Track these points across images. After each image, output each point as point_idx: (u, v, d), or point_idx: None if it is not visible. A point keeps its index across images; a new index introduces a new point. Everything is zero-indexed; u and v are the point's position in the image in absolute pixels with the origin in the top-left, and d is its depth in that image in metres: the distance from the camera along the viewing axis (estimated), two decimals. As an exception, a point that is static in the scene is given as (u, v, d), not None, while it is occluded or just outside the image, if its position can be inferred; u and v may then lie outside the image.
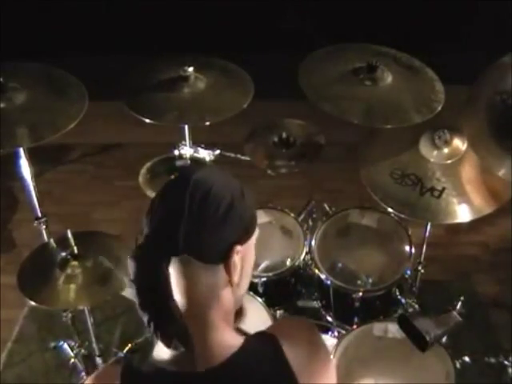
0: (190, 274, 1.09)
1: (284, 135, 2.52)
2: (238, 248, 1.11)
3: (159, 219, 1.10)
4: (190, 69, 2.34)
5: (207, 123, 2.27)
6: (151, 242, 1.09)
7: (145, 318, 1.07)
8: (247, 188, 1.17)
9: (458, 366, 1.97)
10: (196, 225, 1.08)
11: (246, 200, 1.14)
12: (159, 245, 1.08)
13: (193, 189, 1.09)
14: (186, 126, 2.54)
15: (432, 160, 2.19)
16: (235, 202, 1.11)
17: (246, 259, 1.15)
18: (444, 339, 2.00)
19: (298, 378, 1.09)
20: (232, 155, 2.60)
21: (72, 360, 2.62)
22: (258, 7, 3.84)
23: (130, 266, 1.10)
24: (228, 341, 1.12)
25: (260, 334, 1.16)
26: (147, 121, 2.24)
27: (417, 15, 3.87)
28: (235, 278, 1.12)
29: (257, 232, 1.17)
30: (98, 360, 2.56)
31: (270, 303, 2.27)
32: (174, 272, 1.09)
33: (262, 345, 1.13)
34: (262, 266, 2.43)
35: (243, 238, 1.13)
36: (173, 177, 1.19)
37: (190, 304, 1.10)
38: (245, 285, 1.18)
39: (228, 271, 1.11)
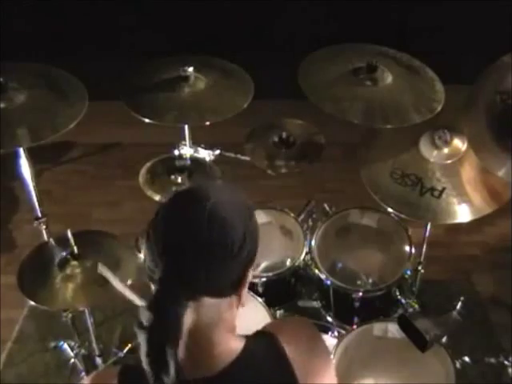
0: (204, 311, 1.07)
1: (284, 135, 2.52)
2: (251, 272, 1.09)
3: (173, 258, 1.02)
4: (190, 69, 2.34)
5: (207, 123, 2.27)
6: (168, 288, 1.01)
7: (147, 366, 1.01)
8: (250, 201, 1.12)
9: (458, 365, 1.97)
10: (215, 263, 1.02)
11: (253, 218, 1.09)
12: (176, 290, 1.01)
13: (208, 220, 1.01)
14: (186, 126, 2.54)
15: (432, 160, 2.19)
16: (248, 228, 1.06)
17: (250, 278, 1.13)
18: (444, 339, 2.00)
19: (298, 377, 1.10)
20: (232, 155, 2.60)
21: (72, 360, 2.62)
22: (258, 7, 3.84)
23: (144, 314, 1.01)
24: (230, 347, 1.11)
25: (260, 334, 1.16)
26: (147, 121, 2.24)
27: (417, 15, 3.86)
28: (244, 299, 1.11)
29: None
30: (98, 360, 2.56)
31: (270, 303, 2.27)
32: (188, 314, 1.05)
33: (263, 345, 1.13)
34: (262, 266, 2.43)
35: (253, 260, 1.10)
36: (180, 200, 1.07)
37: (196, 332, 1.08)
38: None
39: (240, 296, 1.09)
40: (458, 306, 2.00)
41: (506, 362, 2.40)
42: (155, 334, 1.00)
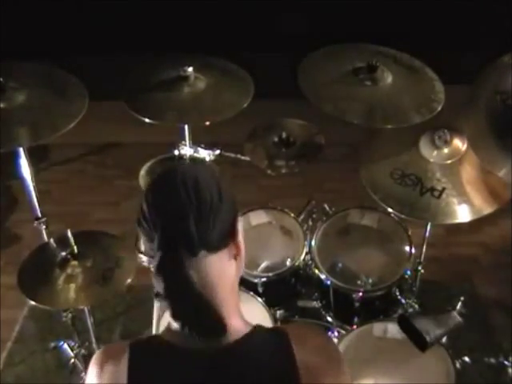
0: (207, 267, 1.11)
1: (284, 135, 2.52)
2: (240, 222, 1.16)
3: (163, 227, 1.09)
4: (190, 69, 2.34)
5: (207, 123, 2.27)
6: (167, 252, 1.09)
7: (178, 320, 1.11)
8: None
9: (458, 366, 1.97)
10: (202, 217, 1.08)
11: (220, 177, 1.17)
12: (175, 252, 1.09)
13: (182, 182, 1.10)
14: (186, 126, 2.54)
15: (432, 160, 2.19)
16: (220, 183, 1.14)
17: (241, 246, 1.18)
18: (444, 339, 1.99)
19: (301, 377, 1.09)
20: (232, 155, 2.61)
21: (72, 360, 2.62)
22: (258, 7, 3.84)
23: (156, 282, 1.12)
24: (235, 326, 1.14)
25: (272, 328, 1.19)
26: (147, 121, 2.24)
27: (417, 15, 3.86)
28: (242, 252, 1.16)
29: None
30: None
31: (270, 303, 2.27)
32: (193, 271, 1.10)
33: (270, 336, 1.16)
34: (262, 265, 2.43)
35: (237, 209, 1.17)
36: (155, 182, 1.18)
37: (203, 289, 1.12)
38: (244, 253, 1.20)
39: (237, 247, 1.15)
40: (458, 306, 2.00)
41: (505, 362, 2.40)
42: (172, 289, 1.10)
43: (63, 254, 2.19)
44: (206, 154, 2.57)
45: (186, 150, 2.55)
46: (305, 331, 1.21)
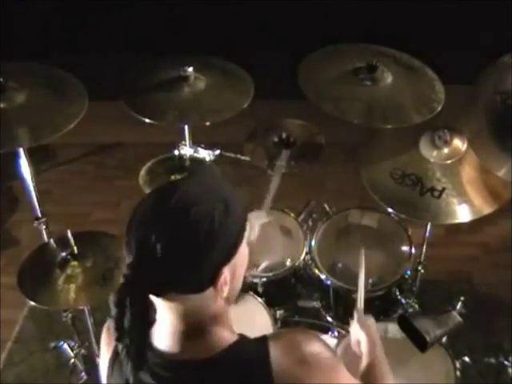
0: (177, 306, 1.08)
1: (284, 135, 2.52)
2: (225, 270, 1.06)
3: (135, 256, 1.04)
4: (190, 69, 2.34)
5: (207, 123, 2.27)
6: (132, 284, 1.03)
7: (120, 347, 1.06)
8: (234, 194, 1.10)
9: (458, 365, 1.97)
10: (175, 259, 1.02)
11: (232, 213, 1.06)
12: (141, 286, 1.03)
13: (173, 209, 1.03)
14: (186, 126, 2.54)
15: (432, 160, 2.19)
16: (215, 224, 1.03)
17: (237, 269, 1.11)
18: (444, 339, 1.99)
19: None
20: (232, 155, 2.61)
21: (72, 360, 2.62)
22: (258, 7, 3.84)
23: (111, 303, 1.06)
24: (219, 338, 1.11)
25: (257, 339, 1.15)
26: (147, 121, 2.24)
27: (417, 15, 3.86)
28: (224, 294, 1.09)
29: (248, 232, 1.12)
30: (98, 360, 2.56)
31: (270, 303, 2.27)
32: (160, 308, 1.08)
33: (250, 346, 1.12)
34: (262, 265, 2.42)
35: (231, 256, 1.07)
36: (149, 197, 1.10)
37: (179, 324, 1.10)
38: (238, 287, 1.15)
39: (216, 291, 1.08)
40: (458, 306, 1.99)
41: (505, 362, 2.40)
42: (120, 324, 1.04)
43: (63, 254, 2.19)
44: (205, 154, 2.57)
45: (186, 150, 2.55)
46: (298, 340, 1.12)
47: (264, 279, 2.33)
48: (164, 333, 1.12)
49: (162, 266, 1.02)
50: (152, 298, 1.07)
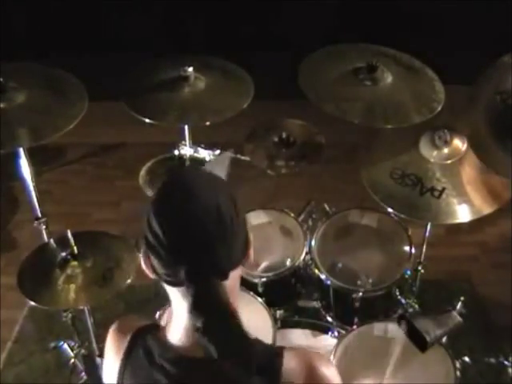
0: (232, 283, 1.12)
1: (284, 135, 2.52)
2: (251, 235, 1.15)
3: (192, 255, 1.06)
4: (190, 69, 2.34)
5: (207, 123, 2.27)
6: (203, 286, 1.06)
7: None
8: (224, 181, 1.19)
9: (458, 365, 1.97)
10: (226, 243, 1.08)
11: (232, 192, 1.14)
12: (211, 284, 1.06)
13: (205, 211, 1.07)
14: (186, 126, 2.54)
15: (432, 160, 2.19)
16: (235, 198, 1.12)
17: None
18: (444, 339, 1.99)
19: None
20: (232, 155, 2.60)
21: (72, 360, 2.62)
22: (259, 7, 3.84)
23: (195, 319, 1.05)
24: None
25: (269, 345, 1.16)
26: (147, 121, 2.24)
27: (417, 15, 3.87)
28: (252, 259, 1.16)
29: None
30: (98, 360, 2.56)
31: (270, 303, 2.27)
32: (226, 294, 1.08)
33: (264, 350, 1.13)
34: (262, 266, 2.42)
35: (245, 219, 1.16)
36: (169, 203, 1.09)
37: (230, 305, 1.10)
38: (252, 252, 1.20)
39: (246, 257, 1.15)
40: (458, 306, 1.99)
41: (505, 362, 2.40)
42: (213, 333, 1.03)
43: (63, 254, 2.19)
44: (205, 154, 2.57)
45: (186, 150, 2.55)
46: (312, 358, 1.14)
47: (264, 279, 2.33)
48: (179, 327, 1.14)
49: (218, 250, 1.07)
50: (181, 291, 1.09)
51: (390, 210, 2.23)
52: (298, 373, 1.11)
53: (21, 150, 2.19)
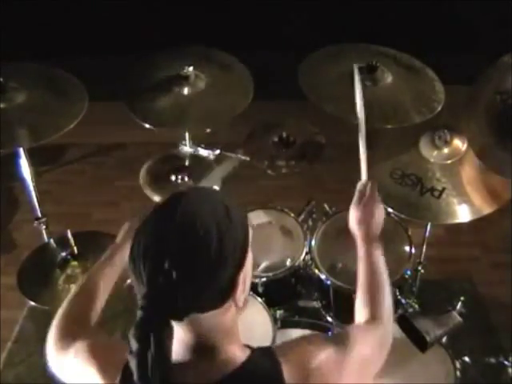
0: (195, 326, 1.05)
1: (284, 135, 2.52)
2: (241, 277, 1.05)
3: (150, 286, 1.00)
4: (191, 68, 2.34)
5: (208, 130, 2.27)
6: (149, 316, 0.99)
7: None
8: (230, 200, 1.08)
9: (458, 366, 1.97)
10: (193, 280, 0.99)
11: (233, 218, 1.05)
12: (159, 317, 0.99)
13: (177, 229, 1.00)
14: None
15: (432, 160, 2.19)
16: (222, 232, 1.01)
17: (247, 273, 1.09)
18: (444, 339, 1.99)
19: None
20: (232, 155, 2.60)
21: (72, 360, 2.61)
22: (259, 7, 3.84)
23: (132, 343, 0.99)
24: (232, 356, 1.10)
25: (264, 350, 1.14)
26: (147, 126, 2.24)
27: (417, 15, 3.87)
28: (241, 303, 1.08)
29: (251, 233, 1.10)
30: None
31: (270, 303, 2.27)
32: (179, 331, 1.04)
33: (262, 362, 1.11)
34: (262, 266, 2.42)
35: (243, 260, 1.06)
36: (152, 218, 1.05)
37: (195, 343, 1.07)
38: (248, 291, 1.13)
39: (234, 301, 1.06)
40: (458, 306, 2.00)
41: (505, 362, 2.40)
42: (143, 361, 0.97)
43: (63, 254, 2.19)
44: (205, 154, 2.57)
45: (186, 150, 2.55)
46: (307, 351, 1.14)
47: (264, 279, 2.33)
48: (175, 354, 1.06)
49: (181, 289, 0.99)
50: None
51: (390, 209, 2.23)
52: (298, 374, 1.10)
53: (21, 150, 2.19)
